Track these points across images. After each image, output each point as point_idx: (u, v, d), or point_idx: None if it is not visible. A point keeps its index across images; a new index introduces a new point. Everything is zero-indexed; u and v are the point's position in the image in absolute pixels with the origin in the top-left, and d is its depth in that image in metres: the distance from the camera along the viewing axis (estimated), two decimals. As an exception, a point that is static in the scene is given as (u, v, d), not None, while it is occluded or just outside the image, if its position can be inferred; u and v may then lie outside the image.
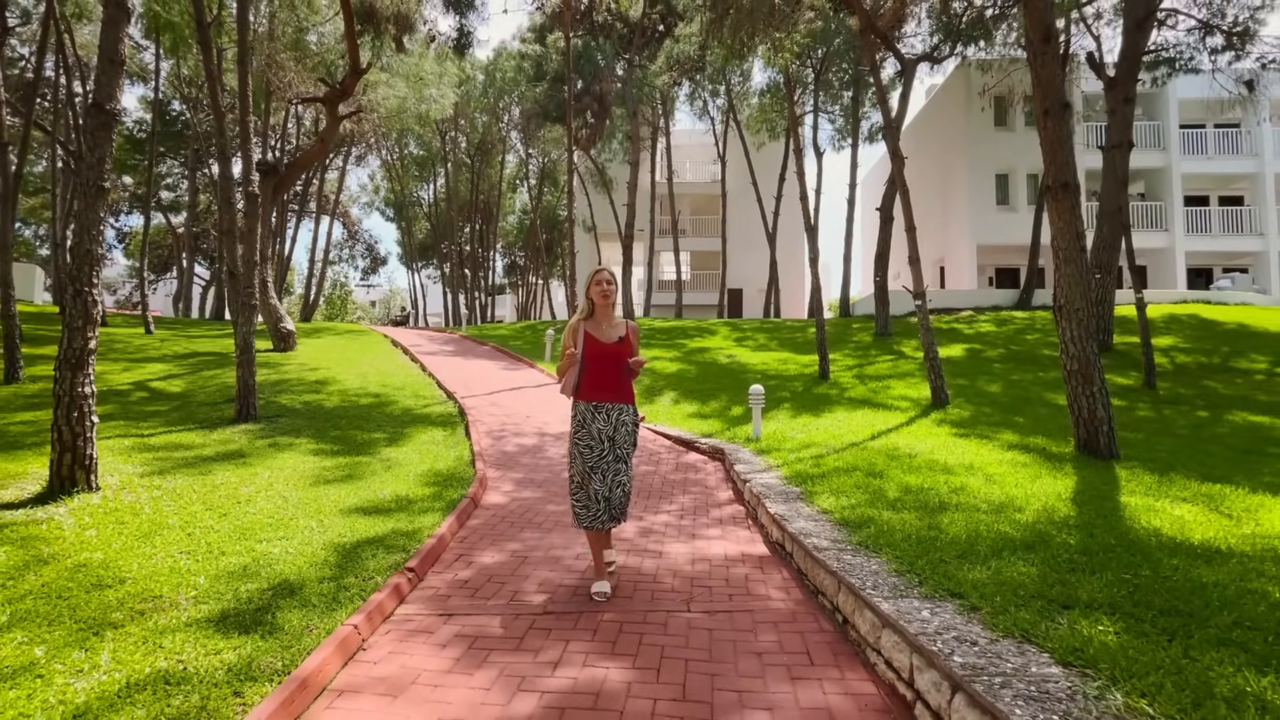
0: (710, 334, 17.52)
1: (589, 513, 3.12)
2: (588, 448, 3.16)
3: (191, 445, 5.93)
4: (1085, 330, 5.77)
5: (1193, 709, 1.64)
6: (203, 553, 3.46)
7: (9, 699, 2.06)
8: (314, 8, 12.54)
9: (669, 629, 2.81)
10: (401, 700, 2.23)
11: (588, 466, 3.14)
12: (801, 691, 2.29)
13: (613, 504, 3.15)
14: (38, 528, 3.63)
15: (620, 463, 3.19)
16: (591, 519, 3.12)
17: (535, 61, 21.18)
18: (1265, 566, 2.82)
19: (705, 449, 6.93)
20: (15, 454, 5.14)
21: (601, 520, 3.13)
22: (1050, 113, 5.88)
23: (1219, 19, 15.58)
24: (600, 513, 3.12)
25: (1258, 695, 1.69)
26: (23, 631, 2.52)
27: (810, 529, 3.65)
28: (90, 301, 4.17)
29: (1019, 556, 2.97)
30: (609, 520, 3.15)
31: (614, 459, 3.17)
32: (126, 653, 2.39)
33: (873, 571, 2.88)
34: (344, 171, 31.26)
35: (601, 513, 3.12)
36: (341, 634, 2.56)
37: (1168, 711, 1.63)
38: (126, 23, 4.26)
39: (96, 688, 2.15)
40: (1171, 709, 1.63)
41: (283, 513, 4.22)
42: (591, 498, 3.12)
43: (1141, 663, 1.88)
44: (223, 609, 2.81)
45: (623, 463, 3.20)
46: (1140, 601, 2.39)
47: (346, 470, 5.50)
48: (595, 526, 3.13)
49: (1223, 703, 1.65)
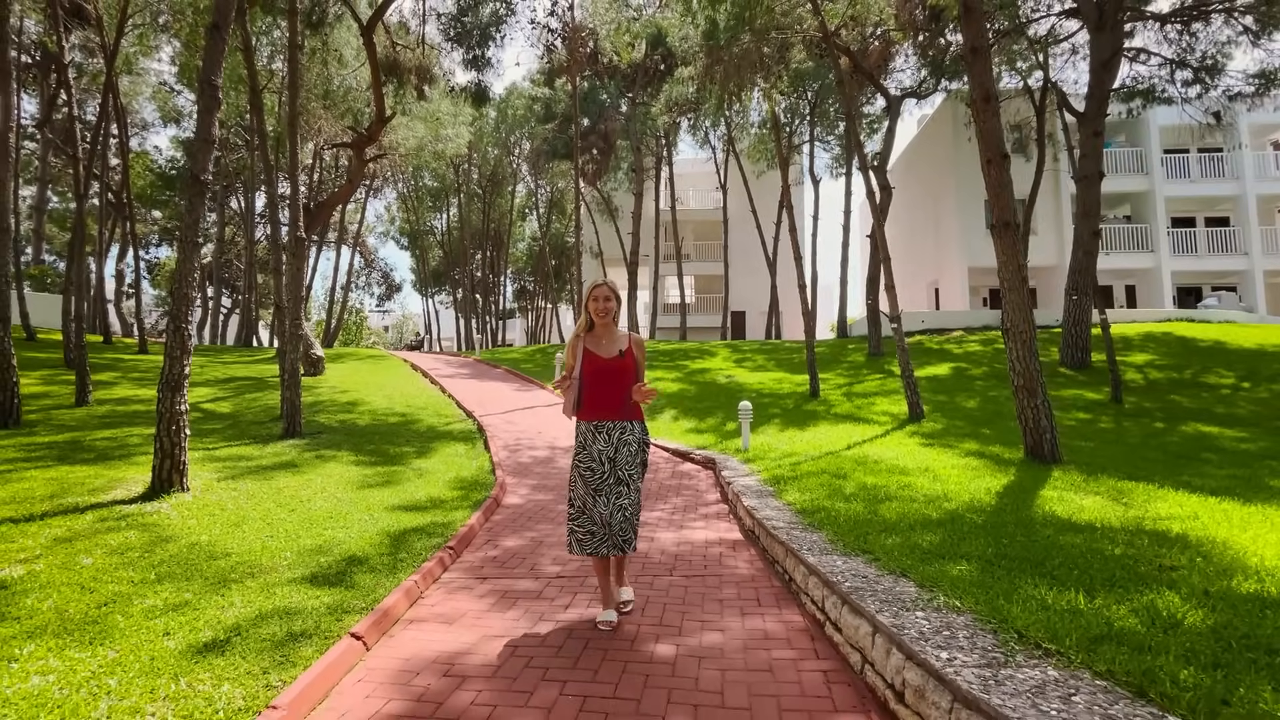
0: (711, 355, 18.38)
1: (593, 539, 2.95)
2: (588, 470, 2.97)
3: (251, 457, 6.84)
4: (1029, 350, 6.59)
5: (986, 602, 2.45)
6: (283, 536, 4.33)
7: (180, 621, 2.92)
8: (343, 62, 13.79)
9: (654, 586, 3.63)
10: (455, 626, 3.07)
11: (590, 489, 2.96)
12: (747, 621, 3.10)
13: (614, 529, 2.92)
14: (151, 518, 4.52)
15: (622, 485, 2.95)
16: (594, 545, 2.95)
17: (544, 103, 22.57)
18: (1118, 535, 3.62)
19: (699, 459, 7.75)
20: (110, 464, 6.06)
21: (603, 547, 2.94)
22: (992, 161, 6.78)
23: (1189, 54, 16.54)
24: (603, 539, 2.93)
25: (1040, 599, 2.50)
26: (171, 584, 3.39)
27: (774, 516, 4.46)
28: (186, 335, 5.10)
29: (929, 530, 3.78)
30: (611, 548, 2.93)
31: (615, 481, 2.95)
32: (250, 597, 3.25)
33: (813, 541, 3.70)
34: (364, 204, 32.69)
35: (604, 539, 2.93)
36: (406, 585, 3.41)
37: (967, 604, 2.45)
38: (218, 109, 5.27)
39: (238, 615, 3.00)
40: (970, 602, 2.45)
41: (339, 509, 5.09)
42: (596, 522, 2.95)
43: (970, 583, 2.69)
44: (311, 572, 3.66)
45: (625, 485, 2.96)
46: (1002, 554, 3.20)
47: (385, 477, 6.37)
48: (597, 553, 2.96)
49: (1010, 601, 2.46)
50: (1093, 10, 13.84)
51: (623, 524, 2.93)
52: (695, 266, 31.64)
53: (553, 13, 13.88)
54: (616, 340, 3.08)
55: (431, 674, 2.56)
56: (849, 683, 2.44)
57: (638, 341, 3.12)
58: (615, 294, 3.08)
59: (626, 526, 2.95)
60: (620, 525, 2.93)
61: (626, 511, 2.95)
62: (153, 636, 2.73)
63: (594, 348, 3.05)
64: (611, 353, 3.04)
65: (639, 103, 21.78)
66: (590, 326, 3.08)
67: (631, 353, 3.06)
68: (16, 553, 3.69)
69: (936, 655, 1.99)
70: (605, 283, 3.08)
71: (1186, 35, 16.21)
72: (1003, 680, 1.81)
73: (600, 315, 3.03)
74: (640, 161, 22.41)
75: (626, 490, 2.96)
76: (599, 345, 3.06)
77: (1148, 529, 3.81)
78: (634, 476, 2.99)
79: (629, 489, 2.97)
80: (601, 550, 2.93)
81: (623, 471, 2.97)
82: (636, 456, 3.01)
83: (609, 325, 3.07)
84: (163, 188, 29.79)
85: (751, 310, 31.46)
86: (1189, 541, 3.51)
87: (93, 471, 5.70)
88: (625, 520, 2.94)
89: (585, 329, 3.08)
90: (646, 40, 17.22)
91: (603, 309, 3.02)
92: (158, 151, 30.82)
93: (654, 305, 29.29)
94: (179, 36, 13.94)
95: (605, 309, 3.03)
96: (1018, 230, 6.79)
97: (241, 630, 2.83)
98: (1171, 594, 2.53)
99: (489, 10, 12.15)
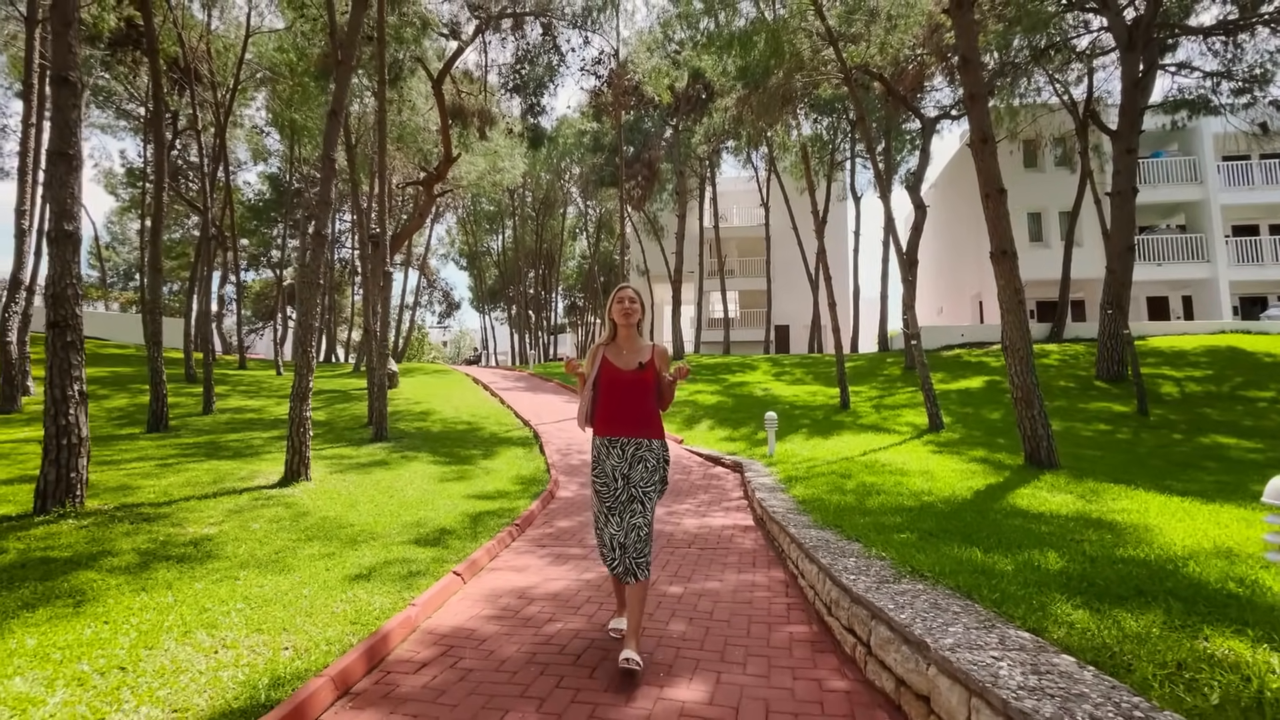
0: (751, 369, 19.18)
1: (611, 556, 2.77)
2: (603, 486, 2.81)
3: (350, 456, 8.22)
4: (1026, 365, 7.26)
5: (901, 554, 3.36)
6: (388, 514, 5.55)
7: (333, 563, 4.12)
8: (415, 109, 15.54)
9: (675, 555, 4.64)
10: (523, 573, 4.17)
11: (605, 508, 2.80)
12: (741, 576, 4.07)
13: (627, 551, 2.70)
14: (289, 499, 5.85)
15: (636, 503, 2.75)
16: (610, 565, 2.79)
17: (593, 135, 24.12)
18: (1058, 521, 4.40)
19: (728, 463, 8.68)
20: (246, 460, 7.53)
21: (618, 568, 2.74)
22: (990, 196, 7.52)
23: (1235, 64, 16.43)
24: (615, 561, 2.74)
25: (946, 553, 3.38)
26: (317, 542, 4.62)
27: (777, 505, 5.40)
28: (311, 355, 6.46)
29: (898, 514, 4.65)
30: (624, 572, 2.72)
31: (628, 499, 2.76)
32: (375, 551, 4.44)
33: (800, 521, 4.62)
34: (428, 230, 35.08)
35: (617, 561, 2.74)
36: (486, 546, 4.54)
37: (889, 555, 3.37)
38: (335, 178, 6.67)
39: (371, 561, 4.18)
40: (891, 554, 3.37)
41: (426, 496, 6.31)
42: (607, 543, 2.78)
43: (902, 544, 3.59)
44: (414, 537, 4.84)
45: (639, 503, 2.75)
46: (944, 529, 4.06)
47: (459, 474, 7.60)
48: (614, 572, 2.81)
49: (920, 553, 3.36)
50: (1123, 32, 14.13)
51: (636, 544, 2.71)
52: (739, 282, 32.43)
53: (599, 61, 15.25)
54: (639, 351, 2.91)
55: (509, 597, 3.66)
56: (803, 609, 3.40)
57: (661, 352, 2.93)
58: (639, 298, 2.94)
59: (641, 548, 2.71)
60: (634, 547, 2.70)
61: (641, 531, 2.72)
62: (318, 571, 3.94)
63: (613, 358, 2.90)
64: (631, 364, 2.87)
65: (681, 129, 22.98)
66: (613, 336, 2.95)
67: (653, 364, 2.88)
68: (208, 519, 5.04)
69: (851, 580, 2.93)
70: (629, 286, 2.95)
71: (1231, 47, 16.14)
72: (883, 590, 2.74)
73: (624, 318, 2.88)
74: (684, 185, 23.56)
75: (641, 509, 2.74)
76: (619, 355, 2.90)
77: (1092, 518, 4.56)
78: (649, 494, 2.78)
79: (643, 507, 2.75)
80: (618, 571, 2.75)
81: (636, 489, 2.77)
82: (654, 474, 2.81)
83: (632, 334, 2.92)
84: (250, 218, 32.96)
85: (795, 324, 31.96)
86: (1117, 527, 4.27)
87: (236, 465, 7.16)
88: (639, 541, 2.71)
89: (609, 338, 2.95)
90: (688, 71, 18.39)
91: (627, 310, 2.88)
92: (247, 186, 34.14)
93: (698, 320, 30.22)
94: (280, 96, 16.02)
95: (630, 311, 2.88)
96: (1015, 257, 7.49)
97: (376, 569, 4.00)
98: (1052, 553, 3.37)
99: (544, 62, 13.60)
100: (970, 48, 7.71)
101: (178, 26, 14.07)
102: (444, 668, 2.71)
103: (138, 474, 6.49)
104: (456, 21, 13.79)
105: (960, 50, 7.79)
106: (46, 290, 4.82)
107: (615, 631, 2.99)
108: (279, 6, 14.13)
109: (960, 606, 2.50)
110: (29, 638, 2.76)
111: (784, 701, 2.38)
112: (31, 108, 10.93)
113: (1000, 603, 2.53)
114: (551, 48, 13.69)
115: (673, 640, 3.00)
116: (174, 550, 4.20)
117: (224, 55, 16.44)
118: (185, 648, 2.70)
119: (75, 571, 3.70)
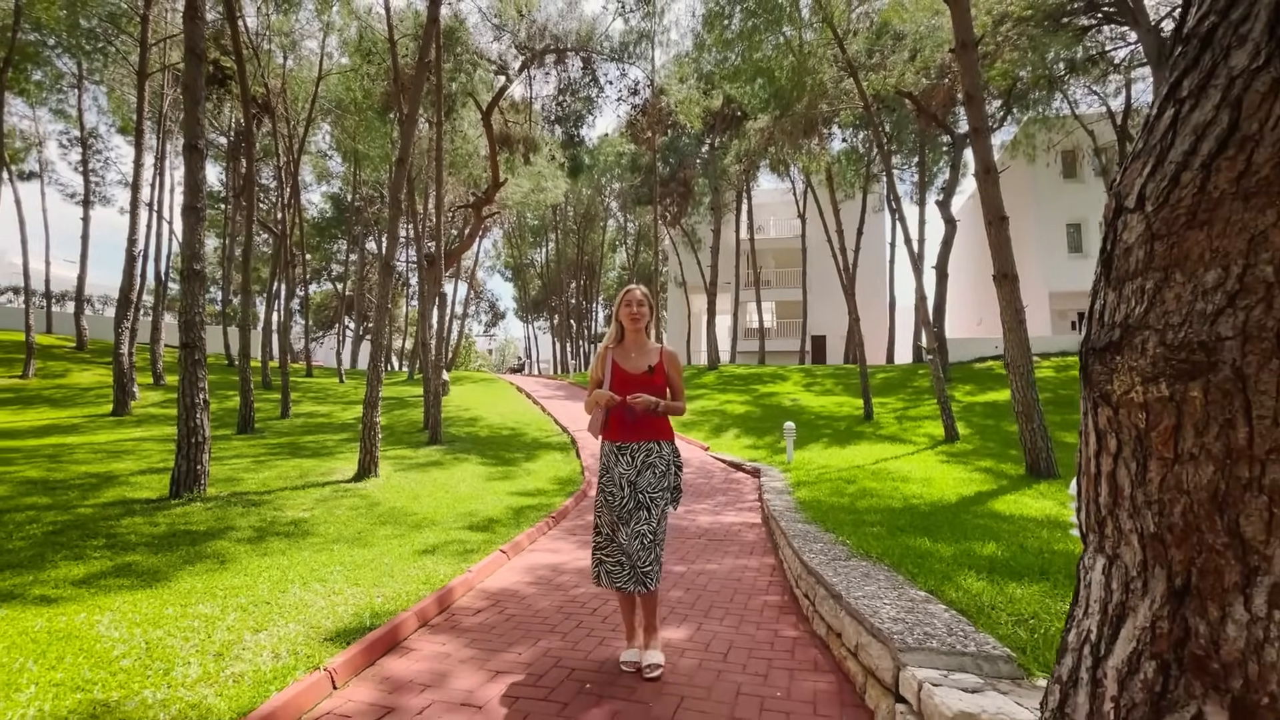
0: (783, 380, 19.73)
1: (620, 570, 2.69)
2: (610, 494, 2.74)
3: (409, 457, 9.32)
4: (1027, 381, 7.76)
5: (860, 542, 4.07)
6: (445, 506, 6.53)
7: (403, 542, 5.08)
8: (466, 138, 16.87)
9: (685, 544, 5.43)
10: (557, 554, 5.05)
11: (613, 516, 2.72)
12: (738, 560, 4.84)
13: (633, 558, 2.65)
14: (363, 491, 6.90)
15: (642, 509, 2.69)
16: (622, 578, 2.68)
17: (630, 157, 25.23)
18: (1021, 522, 5.00)
19: (749, 469, 9.39)
20: (323, 458, 8.70)
21: (630, 582, 2.66)
22: (993, 223, 8.06)
23: None
24: (624, 570, 2.67)
25: (901, 542, 4.08)
26: (389, 526, 5.61)
27: (780, 505, 6.12)
28: (380, 370, 7.54)
29: (880, 514, 5.33)
30: (631, 581, 2.66)
31: (635, 505, 2.70)
32: (436, 533, 5.39)
33: (794, 517, 5.35)
34: (477, 245, 36.85)
35: (625, 570, 2.67)
36: (527, 532, 5.45)
37: (852, 542, 4.09)
38: (400, 217, 7.76)
39: (433, 540, 5.13)
40: (854, 541, 4.09)
41: (475, 492, 7.28)
42: (612, 555, 2.72)
43: (871, 537, 4.30)
44: (467, 524, 5.78)
45: (645, 509, 2.69)
46: (915, 525, 4.73)
47: (504, 474, 8.57)
48: (624, 587, 2.68)
49: (876, 540, 4.07)
50: (1153, 46, 14.21)
51: (639, 551, 2.65)
52: (775, 293, 32.89)
53: (635, 91, 16.28)
54: (647, 354, 2.84)
55: (544, 570, 4.54)
56: (781, 585, 4.15)
57: (670, 356, 2.85)
58: (648, 299, 2.88)
59: (646, 555, 2.65)
60: (639, 554, 2.65)
61: (646, 539, 2.66)
62: (393, 547, 4.90)
63: (622, 361, 2.84)
64: (640, 367, 2.80)
65: (716, 146, 23.80)
66: (621, 337, 2.89)
67: (662, 368, 2.81)
68: (301, 506, 6.11)
69: (810, 558, 3.69)
70: (637, 287, 2.89)
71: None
72: (833, 565, 3.49)
73: (632, 321, 2.82)
74: (719, 200, 24.34)
75: (647, 515, 2.69)
76: (627, 358, 2.84)
77: (1056, 520, 5.14)
78: (656, 500, 2.72)
79: (650, 513, 2.69)
80: (628, 585, 2.66)
81: (644, 495, 2.70)
82: (662, 479, 2.75)
83: (640, 336, 2.87)
84: (314, 235, 35.36)
85: (832, 334, 32.19)
86: (1071, 525, 4.85)
87: (316, 462, 8.32)
88: (644, 548, 2.65)
89: (615, 340, 2.89)
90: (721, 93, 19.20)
91: (635, 314, 2.82)
92: (310, 205, 36.63)
93: (734, 330, 30.83)
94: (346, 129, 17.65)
95: (638, 314, 2.82)
96: (1016, 280, 7.99)
97: (438, 547, 4.95)
98: (992, 544, 4.03)
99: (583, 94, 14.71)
100: (974, 85, 8.28)
101: (261, 69, 15.75)
102: (494, 613, 3.60)
103: (239, 468, 7.70)
104: (504, 59, 15.04)
105: (965, 88, 8.37)
106: (180, 318, 5.99)
107: (628, 665, 2.73)
108: (348, 52, 15.68)
109: (885, 577, 3.23)
110: (197, 583, 3.78)
111: (744, 642, 3.16)
112: (142, 150, 12.57)
113: (916, 574, 3.26)
114: (591, 80, 14.80)
115: (670, 603, 3.81)
116: (280, 528, 5.26)
117: (296, 91, 18.19)
118: (306, 593, 3.66)
119: (212, 540, 4.77)
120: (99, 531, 4.87)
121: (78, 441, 9.37)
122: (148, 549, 4.47)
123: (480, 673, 2.78)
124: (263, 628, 3.07)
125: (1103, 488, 1.23)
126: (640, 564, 2.65)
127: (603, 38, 14.94)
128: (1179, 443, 1.15)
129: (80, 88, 19.62)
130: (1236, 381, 1.08)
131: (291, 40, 16.31)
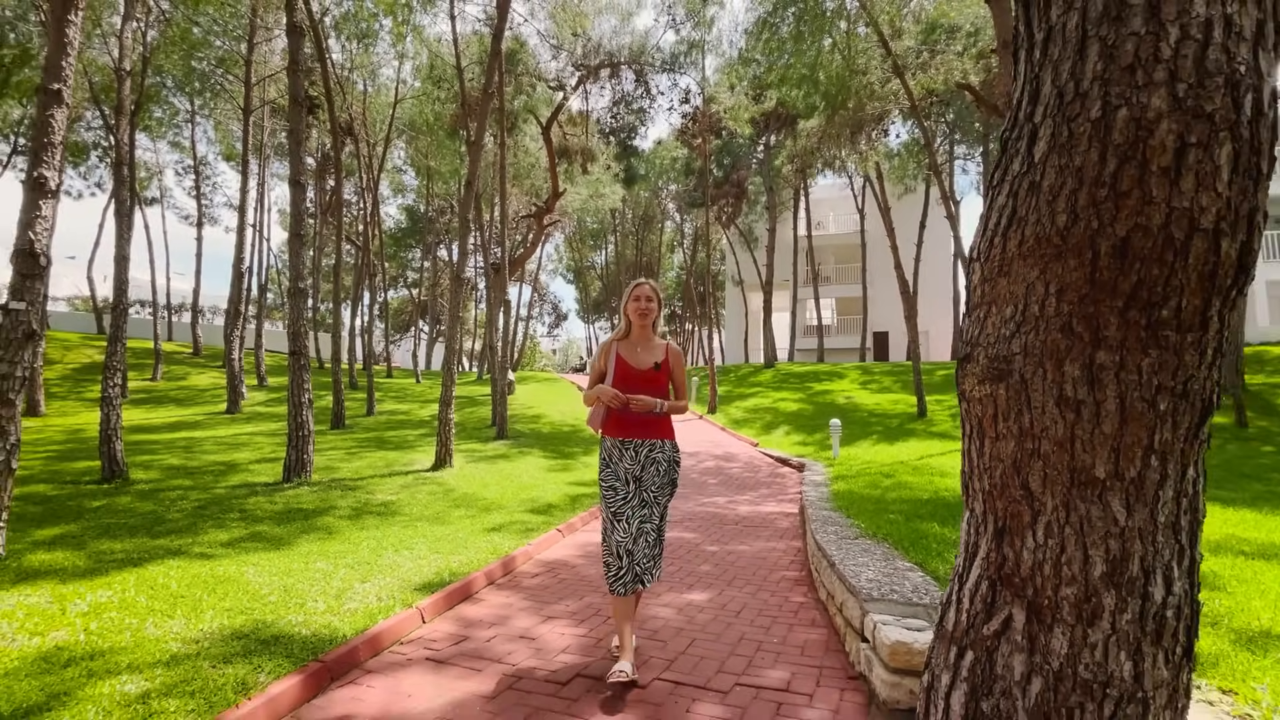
0: (840, 378, 19.72)
1: (616, 572, 2.67)
2: (611, 489, 2.74)
3: (479, 449, 10.25)
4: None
5: (873, 526, 4.48)
6: (510, 493, 7.32)
7: (474, 522, 5.86)
8: (527, 151, 17.90)
9: (723, 529, 5.96)
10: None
11: (611, 512, 2.72)
12: (768, 543, 5.34)
13: (635, 559, 2.65)
14: (439, 479, 7.81)
15: (646, 508, 2.71)
16: (615, 579, 2.67)
17: (684, 161, 25.72)
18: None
19: (794, 464, 9.76)
20: (404, 451, 9.76)
21: (626, 582, 2.65)
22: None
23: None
24: (624, 571, 2.66)
25: (911, 526, 4.47)
26: (462, 509, 6.43)
27: (814, 495, 6.54)
28: (454, 372, 8.44)
29: (905, 504, 5.67)
30: (633, 581, 2.66)
31: (639, 504, 2.71)
32: (502, 515, 6.15)
33: (823, 507, 5.78)
34: (539, 250, 38.34)
35: (625, 571, 2.66)
36: (580, 515, 6.13)
37: (865, 526, 4.51)
38: (470, 234, 8.64)
39: (499, 521, 5.89)
40: (868, 526, 4.51)
41: (537, 481, 8.06)
42: (612, 551, 2.69)
43: (885, 523, 4.71)
44: (529, 509, 6.53)
45: (649, 508, 2.72)
46: (933, 514, 5.08)
47: (563, 466, 9.34)
48: (618, 591, 2.66)
49: (889, 525, 4.47)
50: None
51: (645, 551, 2.67)
52: (835, 289, 32.51)
53: (686, 100, 16.81)
54: (653, 350, 2.86)
55: (593, 547, 5.20)
56: (801, 563, 4.63)
57: (675, 353, 2.89)
58: (657, 294, 2.87)
59: (648, 555, 2.68)
60: (642, 554, 2.67)
61: (649, 538, 2.69)
62: (465, 525, 5.69)
63: (627, 355, 2.84)
64: (645, 363, 2.82)
65: (771, 146, 23.93)
66: (628, 332, 2.89)
67: (667, 365, 2.84)
68: (388, 490, 7.06)
69: (822, 538, 4.16)
70: (646, 281, 2.90)
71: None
72: (841, 544, 3.95)
73: (640, 316, 2.83)
74: (773, 200, 24.46)
75: (650, 514, 2.72)
76: (633, 353, 2.85)
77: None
78: (659, 499, 2.76)
79: (653, 512, 2.73)
80: (624, 585, 2.65)
81: (648, 493, 2.73)
82: (665, 476, 2.77)
83: (647, 332, 2.87)
84: (390, 244, 37.82)
85: (895, 331, 31.51)
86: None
87: (398, 455, 9.37)
88: (647, 548, 2.68)
89: (623, 334, 2.90)
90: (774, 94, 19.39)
91: (643, 309, 2.82)
92: (387, 217, 39.18)
93: (793, 328, 30.76)
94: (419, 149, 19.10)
95: (646, 309, 2.83)
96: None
97: (503, 526, 5.70)
98: (999, 530, 4.36)
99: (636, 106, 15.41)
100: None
101: (346, 97, 17.33)
102: (549, 577, 4.28)
103: (335, 459, 8.82)
104: (561, 77, 15.94)
105: (1003, 89, 8.43)
106: (288, 329, 7.05)
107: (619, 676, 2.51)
108: (420, 78, 17.03)
109: (882, 552, 3.68)
110: (312, 547, 4.67)
111: (757, 605, 3.69)
112: (247, 177, 14.20)
113: (910, 550, 3.69)
114: (643, 91, 15.44)
115: (699, 574, 4.37)
116: (373, 508, 6.17)
117: (374, 115, 19.80)
118: (398, 557, 4.46)
119: (318, 517, 5.71)
120: (233, 507, 5.92)
121: (202, 435, 10.87)
122: (271, 521, 5.45)
123: (535, 617, 3.46)
124: (367, 579, 3.86)
125: (965, 461, 1.76)
126: (642, 563, 2.68)
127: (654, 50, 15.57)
128: (996, 426, 1.70)
129: (193, 122, 22.06)
130: (1022, 384, 1.63)
131: (371, 70, 17.84)
